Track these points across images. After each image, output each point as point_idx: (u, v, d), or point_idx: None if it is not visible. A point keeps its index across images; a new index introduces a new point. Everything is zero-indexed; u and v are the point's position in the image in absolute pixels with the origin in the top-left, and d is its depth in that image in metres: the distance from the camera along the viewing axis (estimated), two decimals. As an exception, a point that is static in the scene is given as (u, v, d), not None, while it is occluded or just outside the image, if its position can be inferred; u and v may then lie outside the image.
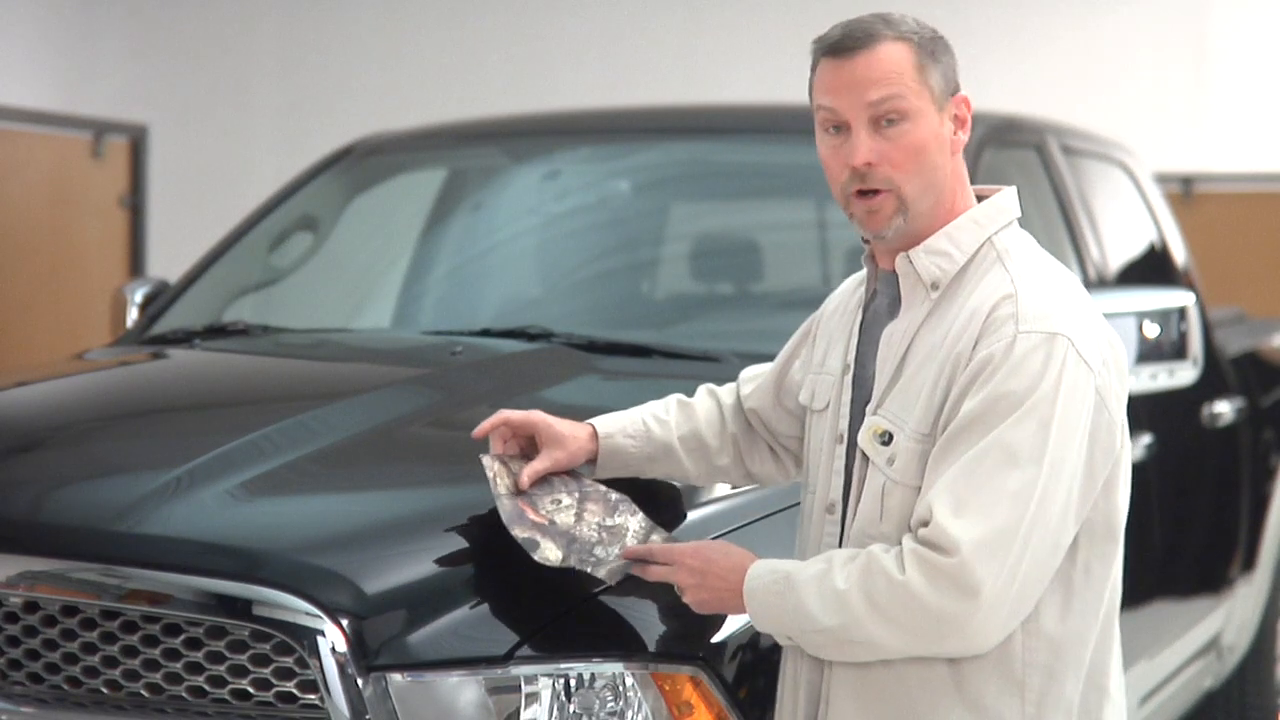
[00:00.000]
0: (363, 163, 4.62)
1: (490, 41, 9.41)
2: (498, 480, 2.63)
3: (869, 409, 2.43)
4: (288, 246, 4.55)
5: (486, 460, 2.66)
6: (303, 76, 9.58)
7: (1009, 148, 4.42)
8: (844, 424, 2.48)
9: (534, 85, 9.12)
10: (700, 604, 2.46)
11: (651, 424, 2.74)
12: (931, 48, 2.42)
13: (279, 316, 4.28)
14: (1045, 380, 2.28)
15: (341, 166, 4.59)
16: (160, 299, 4.32)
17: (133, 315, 4.32)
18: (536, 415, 2.71)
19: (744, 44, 8.97)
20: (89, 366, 3.94)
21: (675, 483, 2.88)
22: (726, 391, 2.82)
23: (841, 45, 2.39)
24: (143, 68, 9.36)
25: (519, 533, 2.57)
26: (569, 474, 2.70)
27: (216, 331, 4.05)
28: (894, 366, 2.41)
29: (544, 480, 2.67)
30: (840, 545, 2.46)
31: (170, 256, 8.29)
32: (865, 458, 2.41)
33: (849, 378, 2.50)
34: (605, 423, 2.73)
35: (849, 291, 2.62)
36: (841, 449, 2.48)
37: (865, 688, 2.40)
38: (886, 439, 2.38)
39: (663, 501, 2.83)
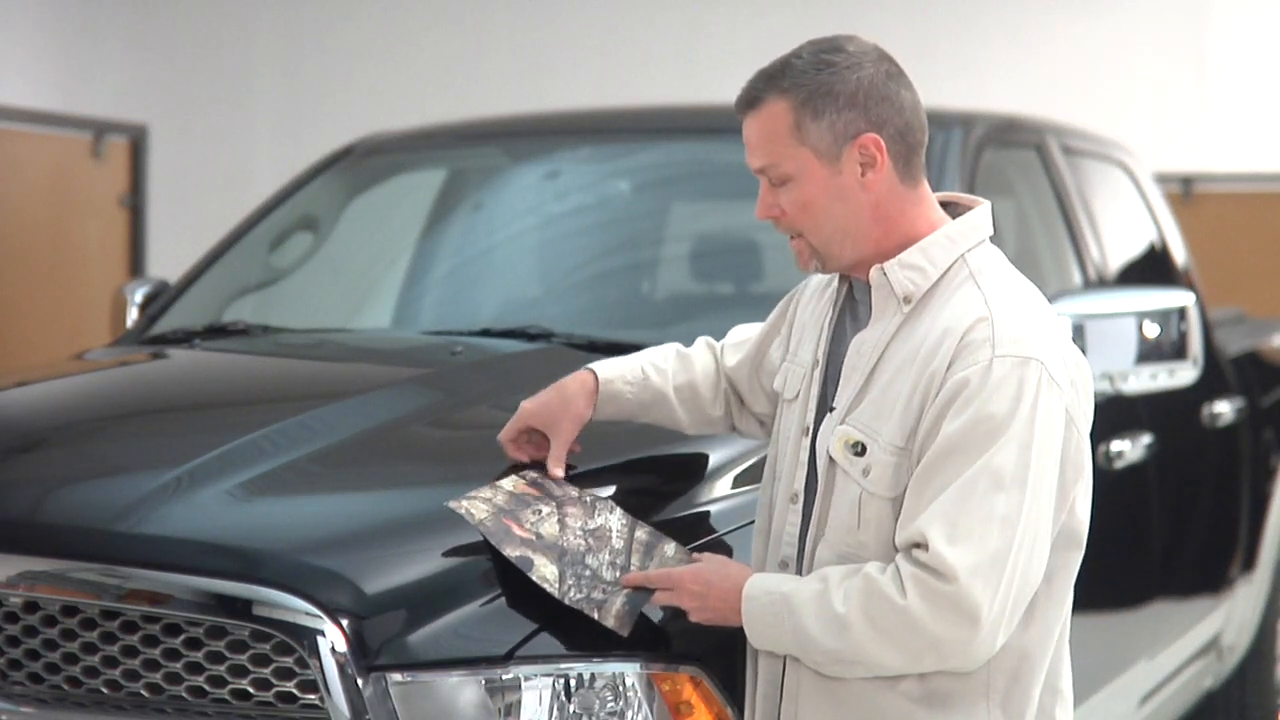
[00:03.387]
0: (363, 163, 4.62)
1: (490, 41, 9.41)
2: (472, 514, 2.62)
3: (834, 416, 2.47)
4: (288, 246, 4.55)
5: (452, 504, 2.65)
6: (303, 76, 9.58)
7: (1009, 148, 4.42)
8: (810, 418, 2.54)
9: (534, 85, 9.12)
10: (706, 621, 2.51)
11: (650, 371, 2.79)
12: (814, 102, 2.43)
13: (279, 316, 4.28)
14: (1022, 404, 2.33)
15: (341, 166, 4.59)
16: (160, 299, 4.32)
17: (133, 315, 4.32)
18: (523, 413, 2.75)
19: (744, 44, 8.97)
20: (89, 366, 3.94)
21: (678, 487, 2.88)
22: (720, 350, 2.88)
23: (736, 105, 2.51)
24: (143, 68, 9.36)
25: (510, 552, 2.58)
26: (541, 479, 2.71)
27: (216, 331, 4.05)
28: (863, 376, 2.46)
29: (518, 496, 2.67)
30: (803, 535, 2.50)
31: (170, 256, 8.29)
32: (832, 463, 2.46)
33: (818, 372, 2.55)
34: (605, 368, 2.78)
35: (824, 284, 2.67)
36: (806, 441, 2.53)
37: (835, 687, 2.43)
38: (860, 449, 2.42)
39: (661, 503, 2.84)
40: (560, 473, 2.69)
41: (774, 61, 2.48)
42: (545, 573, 2.56)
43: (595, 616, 2.53)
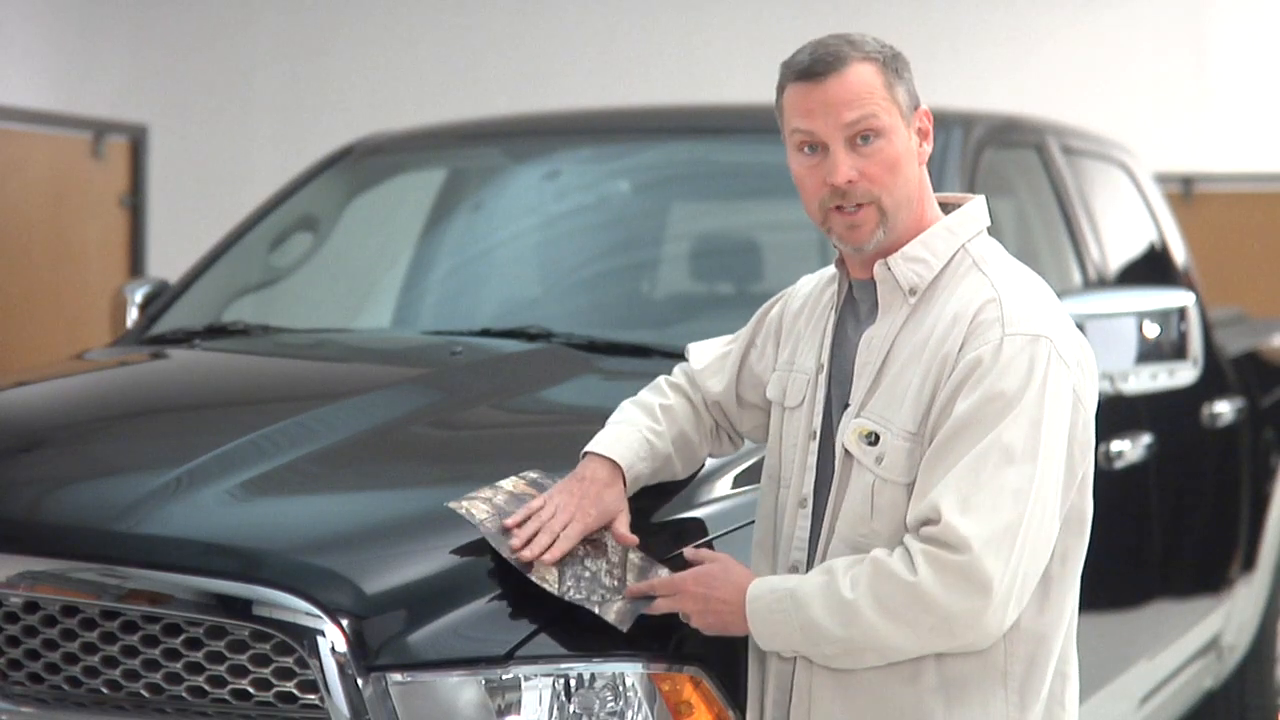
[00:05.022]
0: (363, 163, 4.62)
1: (490, 41, 9.41)
2: (472, 514, 2.62)
3: (850, 411, 2.49)
4: (288, 246, 4.55)
5: (453, 505, 2.64)
6: (303, 76, 9.58)
7: (1009, 148, 4.42)
8: (818, 421, 2.55)
9: (534, 85, 9.12)
10: (707, 627, 2.50)
11: (654, 440, 2.73)
12: (894, 65, 2.49)
13: (279, 316, 4.28)
14: (1033, 380, 2.36)
15: (341, 166, 4.59)
16: (160, 299, 4.32)
17: (133, 315, 4.32)
18: (590, 523, 2.62)
19: (744, 44, 8.97)
20: (89, 366, 3.94)
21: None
22: (689, 385, 2.83)
23: (812, 69, 2.46)
24: (143, 68, 9.36)
25: (509, 554, 2.57)
26: (542, 479, 2.70)
27: (216, 331, 4.04)
28: (874, 370, 2.48)
29: (518, 497, 2.66)
30: (813, 539, 2.51)
31: (170, 256, 8.29)
32: (848, 456, 2.47)
33: (823, 376, 2.56)
34: (622, 453, 2.68)
35: (816, 290, 2.67)
36: (814, 445, 2.54)
37: (848, 683, 2.44)
38: (873, 439, 2.44)
39: (661, 503, 2.84)
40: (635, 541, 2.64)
41: (828, 39, 2.48)
42: (544, 573, 2.55)
43: (596, 612, 2.53)
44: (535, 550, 2.56)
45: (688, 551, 2.60)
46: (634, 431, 2.72)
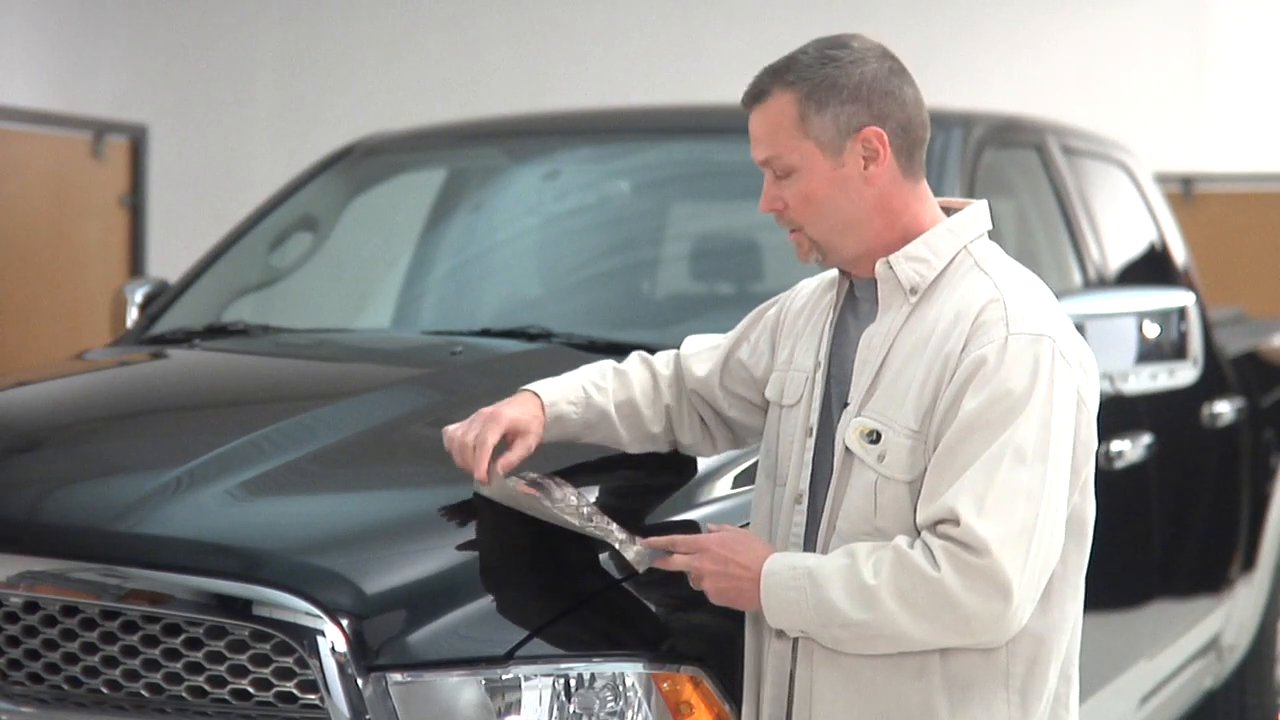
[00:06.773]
0: (363, 163, 4.62)
1: (490, 41, 9.42)
2: (480, 491, 2.64)
3: (850, 410, 2.49)
4: (288, 246, 4.55)
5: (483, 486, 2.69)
6: (303, 76, 9.58)
7: (1009, 148, 4.42)
8: (814, 419, 2.55)
9: (534, 85, 9.12)
10: (718, 593, 2.48)
11: (591, 390, 2.76)
12: (820, 96, 2.47)
13: (279, 316, 4.28)
14: (1039, 380, 2.37)
15: (341, 166, 4.59)
16: (160, 299, 4.32)
17: (133, 315, 4.32)
18: (502, 425, 2.69)
19: (744, 44, 8.97)
20: (89, 366, 3.94)
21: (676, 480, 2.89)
22: (662, 362, 2.85)
23: (743, 98, 2.54)
24: (143, 68, 9.36)
25: (522, 509, 2.59)
26: (541, 479, 2.70)
27: (216, 331, 4.05)
28: (875, 368, 2.48)
29: (519, 497, 2.67)
30: (809, 535, 2.51)
31: (170, 256, 8.29)
32: (848, 454, 2.47)
33: (821, 374, 2.56)
34: (547, 390, 2.75)
35: (818, 292, 2.68)
36: (811, 442, 2.54)
37: (852, 682, 2.44)
38: (875, 437, 2.44)
39: (660, 503, 2.84)
40: (501, 471, 2.66)
41: (781, 58, 2.51)
42: (563, 518, 2.57)
43: (617, 547, 2.53)
44: (468, 461, 2.65)
45: (710, 525, 2.60)
46: (572, 378, 2.78)
